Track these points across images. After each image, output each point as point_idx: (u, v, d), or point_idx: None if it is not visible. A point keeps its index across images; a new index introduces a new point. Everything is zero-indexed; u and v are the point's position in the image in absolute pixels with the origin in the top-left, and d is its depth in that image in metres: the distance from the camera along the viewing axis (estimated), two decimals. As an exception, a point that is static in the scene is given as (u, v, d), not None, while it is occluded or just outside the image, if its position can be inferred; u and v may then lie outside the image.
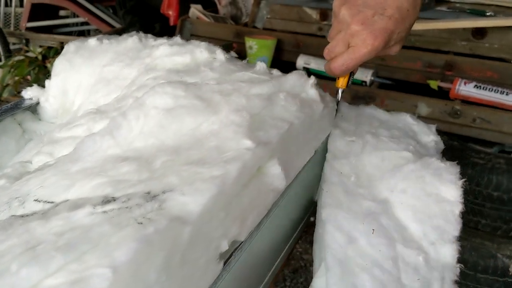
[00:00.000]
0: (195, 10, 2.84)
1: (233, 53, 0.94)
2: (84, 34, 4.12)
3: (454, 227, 0.80)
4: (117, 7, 3.48)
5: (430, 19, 2.22)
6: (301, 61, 2.43)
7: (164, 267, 0.45)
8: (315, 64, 2.40)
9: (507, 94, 1.95)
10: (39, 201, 0.55)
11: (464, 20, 2.10)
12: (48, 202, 0.55)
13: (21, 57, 2.97)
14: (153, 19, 3.26)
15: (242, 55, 2.56)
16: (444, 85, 2.11)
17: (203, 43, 0.92)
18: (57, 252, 0.43)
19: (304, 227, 0.86)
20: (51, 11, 3.99)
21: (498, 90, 1.96)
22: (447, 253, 0.79)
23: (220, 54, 0.88)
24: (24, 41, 3.89)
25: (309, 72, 2.41)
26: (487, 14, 2.12)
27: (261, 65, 0.85)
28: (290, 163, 0.68)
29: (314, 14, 2.49)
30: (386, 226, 0.78)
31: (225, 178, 0.52)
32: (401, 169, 0.83)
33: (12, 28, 4.21)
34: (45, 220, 0.49)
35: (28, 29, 3.91)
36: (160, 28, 3.18)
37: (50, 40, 3.70)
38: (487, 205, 1.97)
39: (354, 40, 0.78)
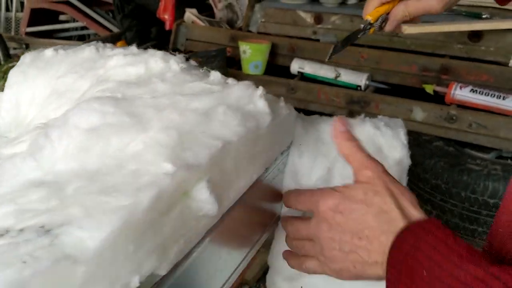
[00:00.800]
0: (190, 15, 2.81)
1: (192, 62, 0.89)
2: (84, 38, 4.11)
3: None
4: (116, 11, 3.46)
5: (426, 22, 2.16)
6: (295, 65, 2.39)
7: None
8: (309, 68, 2.36)
9: (503, 99, 1.89)
10: None
11: (460, 23, 2.04)
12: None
13: (15, 63, 2.94)
14: (150, 24, 3.23)
15: (236, 59, 2.52)
16: (439, 89, 2.06)
17: (158, 52, 0.88)
18: None
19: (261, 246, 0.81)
20: (51, 16, 3.99)
21: (494, 95, 1.90)
22: None
23: (174, 64, 0.83)
24: (24, 46, 3.88)
25: (303, 76, 2.39)
26: (483, 16, 2.06)
27: (215, 75, 0.80)
28: (228, 184, 0.63)
29: (309, 18, 2.45)
30: None
31: (135, 208, 0.48)
32: None
33: (12, 33, 4.20)
34: None
35: (28, 34, 3.90)
36: (156, 32, 3.16)
37: (50, 45, 3.65)
38: (483, 213, 1.92)
39: None
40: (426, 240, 0.53)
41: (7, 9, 4.33)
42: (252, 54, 2.39)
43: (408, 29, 2.08)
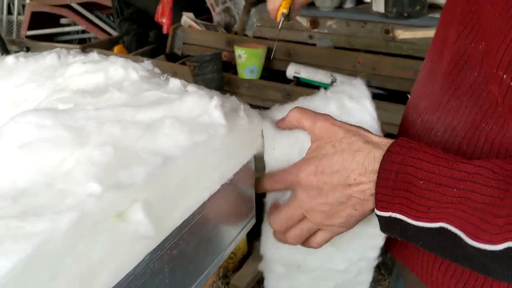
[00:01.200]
0: (187, 18, 2.78)
1: (156, 70, 0.86)
2: (84, 41, 4.10)
3: None
4: (115, 15, 3.44)
5: (422, 26, 2.12)
6: (291, 70, 2.35)
7: None
8: (305, 73, 2.32)
9: (500, 105, 1.83)
10: None
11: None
12: None
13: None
14: (149, 28, 3.20)
15: (233, 64, 2.48)
16: (435, 95, 2.01)
17: (120, 59, 0.84)
18: None
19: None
20: (52, 19, 3.98)
21: (491, 101, 1.85)
22: None
23: (132, 72, 0.79)
24: (25, 49, 3.87)
25: (299, 81, 2.35)
26: (480, 20, 2.01)
27: (175, 83, 0.76)
28: (172, 204, 0.59)
29: (304, 22, 2.40)
30: None
31: (51, 233, 0.44)
32: None
33: (14, 36, 4.20)
34: None
35: (29, 37, 3.89)
36: (154, 36, 3.13)
37: (50, 48, 3.64)
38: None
39: None
40: (411, 155, 0.57)
41: (9, 12, 4.33)
42: (248, 58, 2.35)
43: (402, 34, 2.04)
